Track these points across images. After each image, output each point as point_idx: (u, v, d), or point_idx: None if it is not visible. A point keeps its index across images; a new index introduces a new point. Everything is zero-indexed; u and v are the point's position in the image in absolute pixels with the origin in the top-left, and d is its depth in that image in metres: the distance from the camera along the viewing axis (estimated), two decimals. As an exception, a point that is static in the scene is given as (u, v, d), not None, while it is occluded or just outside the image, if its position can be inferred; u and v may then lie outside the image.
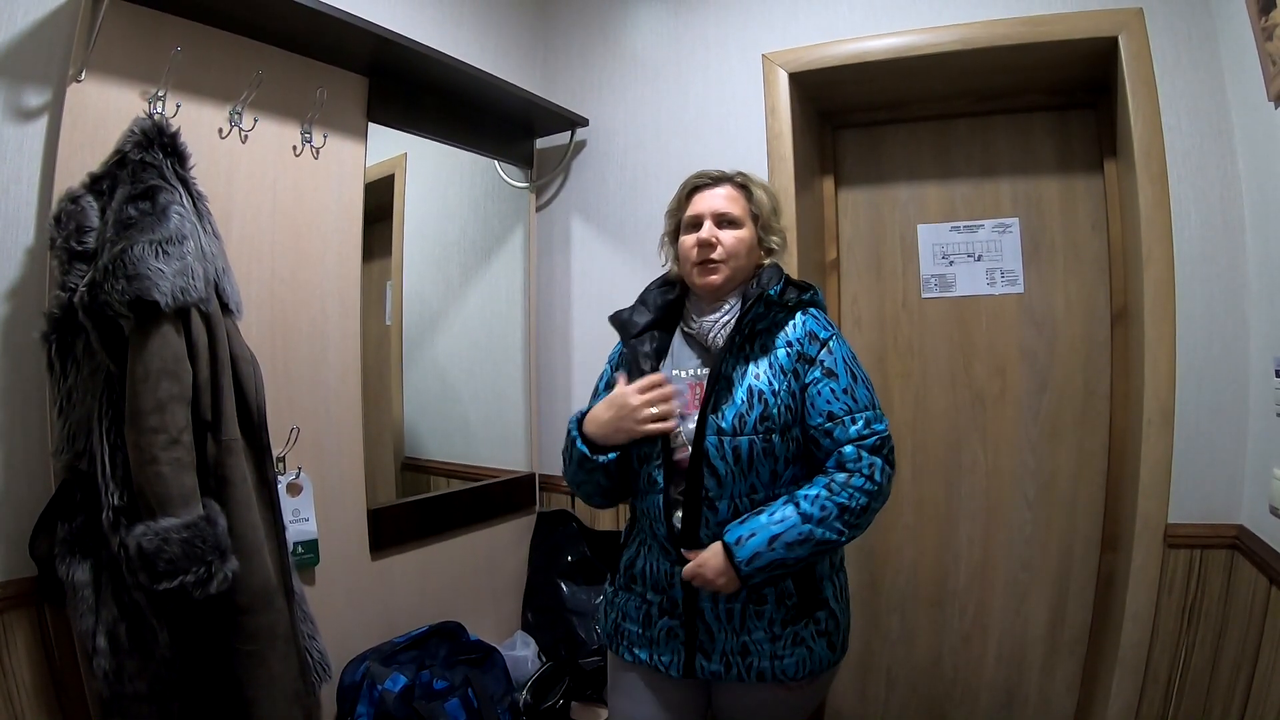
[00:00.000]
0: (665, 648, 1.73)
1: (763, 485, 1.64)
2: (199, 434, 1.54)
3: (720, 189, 1.77)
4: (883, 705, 2.86)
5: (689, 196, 1.81)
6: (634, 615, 1.78)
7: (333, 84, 2.10)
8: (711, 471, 1.63)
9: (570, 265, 2.95)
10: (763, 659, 1.65)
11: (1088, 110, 2.53)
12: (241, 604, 1.59)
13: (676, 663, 1.71)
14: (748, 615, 1.65)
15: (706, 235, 1.72)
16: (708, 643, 1.68)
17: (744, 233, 1.74)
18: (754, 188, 1.78)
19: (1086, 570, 2.56)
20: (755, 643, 1.65)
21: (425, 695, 2.11)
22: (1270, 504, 1.81)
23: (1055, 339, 2.59)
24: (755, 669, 1.65)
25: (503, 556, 2.80)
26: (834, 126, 2.87)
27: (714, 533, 1.63)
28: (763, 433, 1.62)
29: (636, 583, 1.78)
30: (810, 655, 1.66)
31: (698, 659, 1.69)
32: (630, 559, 1.82)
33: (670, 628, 1.72)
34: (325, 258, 2.13)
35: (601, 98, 2.89)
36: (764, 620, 1.65)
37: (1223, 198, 2.03)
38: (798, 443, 1.66)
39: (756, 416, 1.62)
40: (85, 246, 1.47)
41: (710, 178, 1.79)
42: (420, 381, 2.69)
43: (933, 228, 2.74)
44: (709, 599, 1.66)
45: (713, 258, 1.72)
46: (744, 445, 1.62)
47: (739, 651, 1.66)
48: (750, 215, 1.76)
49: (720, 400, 1.65)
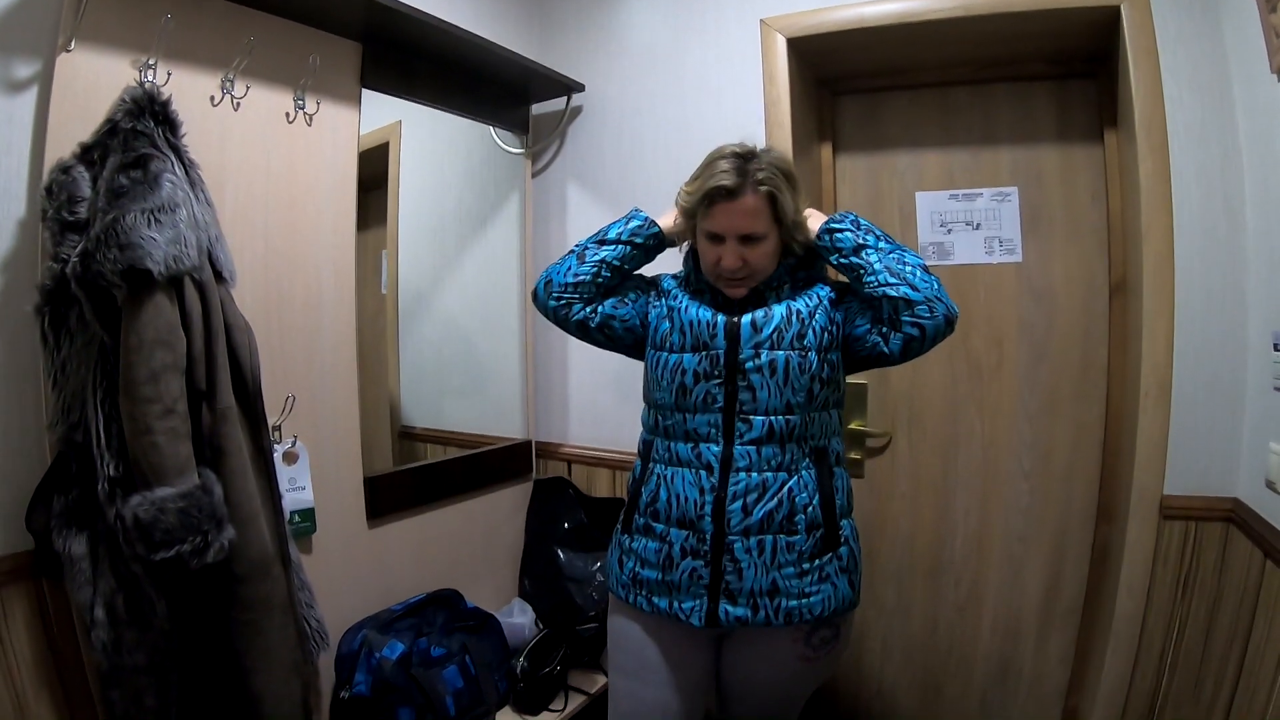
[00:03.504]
0: (687, 593, 1.71)
1: (798, 406, 1.67)
2: (194, 403, 1.53)
3: (744, 200, 1.64)
4: (878, 675, 2.89)
5: (708, 205, 1.67)
6: (653, 559, 1.76)
7: (326, 50, 2.07)
8: (748, 385, 1.67)
9: (566, 231, 2.94)
10: (790, 598, 1.67)
11: (1088, 80, 2.50)
12: (238, 573, 1.60)
13: (699, 610, 1.70)
14: (779, 548, 1.66)
15: (731, 262, 1.68)
16: (735, 582, 1.68)
17: (769, 244, 1.69)
18: (780, 193, 1.64)
19: (1082, 541, 2.57)
20: (784, 578, 1.67)
21: (423, 663, 2.13)
22: (1266, 478, 1.81)
23: (1053, 310, 2.58)
24: (784, 610, 1.67)
25: (500, 524, 2.81)
26: (833, 93, 2.83)
27: (746, 451, 1.68)
28: (799, 349, 1.66)
29: (660, 520, 1.76)
30: (835, 593, 1.69)
31: (721, 604, 1.69)
32: (651, 496, 1.78)
33: (694, 569, 1.70)
34: (320, 225, 2.12)
35: (598, 62, 2.86)
36: (794, 553, 1.66)
37: (1223, 171, 2.01)
38: (832, 366, 1.70)
39: (794, 334, 1.68)
40: (77, 217, 1.46)
41: (728, 186, 1.62)
42: (416, 350, 2.68)
43: (931, 195, 2.72)
44: (740, 531, 1.67)
45: (739, 278, 1.71)
46: (780, 360, 1.66)
47: (768, 591, 1.67)
48: (776, 222, 1.68)
49: (758, 318, 1.70)
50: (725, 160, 1.66)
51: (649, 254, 1.90)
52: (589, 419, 2.94)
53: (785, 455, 1.67)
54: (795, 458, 1.68)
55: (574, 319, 1.87)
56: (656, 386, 1.79)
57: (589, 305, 1.86)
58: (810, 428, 1.69)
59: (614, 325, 1.87)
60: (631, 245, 1.86)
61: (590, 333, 1.88)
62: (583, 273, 1.85)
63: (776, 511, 1.66)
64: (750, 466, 1.67)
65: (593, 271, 1.85)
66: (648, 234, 1.87)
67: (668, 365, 1.76)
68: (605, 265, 1.85)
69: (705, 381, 1.70)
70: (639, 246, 1.87)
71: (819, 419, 1.71)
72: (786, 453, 1.67)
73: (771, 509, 1.66)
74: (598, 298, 1.86)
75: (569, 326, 1.89)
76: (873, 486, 2.83)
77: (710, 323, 1.72)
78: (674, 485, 1.74)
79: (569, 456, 2.95)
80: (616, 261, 1.85)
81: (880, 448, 2.82)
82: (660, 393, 1.78)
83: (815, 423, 1.70)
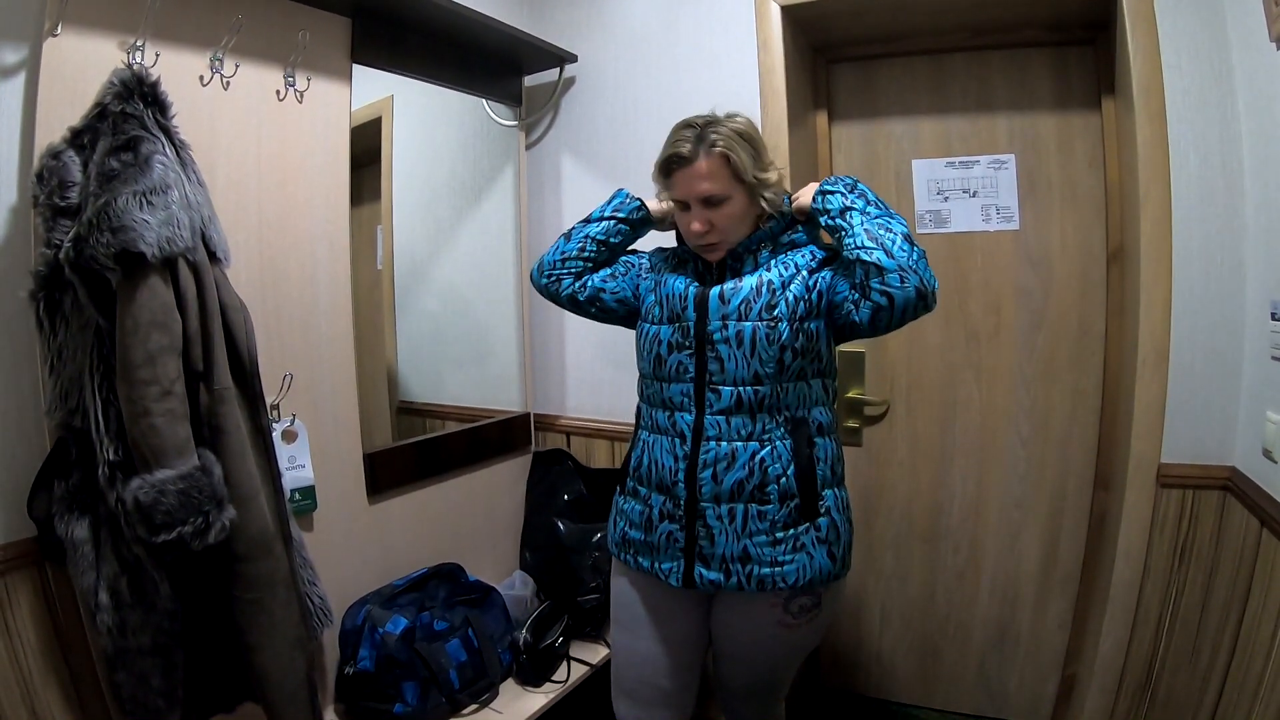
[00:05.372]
0: (665, 554, 1.77)
1: (768, 377, 1.66)
2: (191, 384, 1.54)
3: (698, 165, 1.66)
4: (876, 640, 2.92)
5: (667, 174, 1.73)
6: (637, 520, 1.82)
7: (315, 26, 2.04)
8: (715, 355, 1.68)
9: (561, 203, 2.93)
10: (763, 565, 1.68)
11: (1086, 47, 2.47)
12: (240, 552, 1.61)
13: (677, 571, 1.76)
14: (749, 516, 1.68)
15: (699, 226, 1.70)
16: (708, 547, 1.71)
17: (734, 206, 1.70)
18: (732, 151, 1.65)
19: (1079, 508, 2.59)
20: (756, 546, 1.68)
21: (426, 637, 2.14)
22: (1263, 447, 1.81)
23: (1051, 277, 2.58)
24: (756, 577, 1.69)
25: (499, 497, 2.82)
26: (827, 60, 2.81)
27: (716, 421, 1.69)
28: (768, 320, 1.66)
29: (643, 484, 1.81)
30: (810, 563, 1.69)
31: (696, 567, 1.73)
32: (637, 459, 1.85)
33: (670, 532, 1.75)
34: (313, 203, 2.10)
35: (591, 33, 2.83)
36: (765, 522, 1.67)
37: (1222, 138, 1.99)
38: (809, 336, 1.67)
39: (763, 305, 1.67)
40: (69, 202, 1.45)
41: (682, 154, 1.67)
42: (413, 325, 2.68)
43: (927, 163, 2.71)
44: (711, 499, 1.69)
45: (710, 242, 1.73)
46: (747, 331, 1.66)
47: (739, 558, 1.69)
48: (736, 181, 1.68)
49: (725, 289, 1.71)
50: (685, 130, 1.70)
51: (635, 228, 1.97)
52: (587, 391, 2.94)
53: (756, 425, 1.68)
54: (767, 427, 1.68)
55: (564, 293, 1.97)
56: (640, 356, 1.85)
57: (578, 280, 1.95)
58: (784, 398, 1.68)
59: (603, 298, 1.93)
60: (615, 219, 1.95)
61: (581, 305, 1.96)
62: (569, 249, 1.96)
63: (747, 481, 1.67)
64: (720, 436, 1.69)
65: (578, 247, 1.95)
66: (630, 208, 1.95)
67: (647, 335, 1.81)
68: (590, 240, 1.95)
69: (678, 352, 1.73)
70: (623, 220, 1.95)
71: (794, 389, 1.69)
72: (758, 423, 1.68)
73: (741, 478, 1.67)
74: (587, 272, 1.94)
75: (560, 301, 1.99)
76: (871, 454, 2.84)
77: (682, 295, 1.76)
78: (654, 451, 1.79)
79: (567, 428, 2.95)
80: (601, 236, 1.94)
81: (878, 415, 2.83)
82: (642, 362, 1.84)
83: (789, 393, 1.69)
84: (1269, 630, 1.66)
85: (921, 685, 2.88)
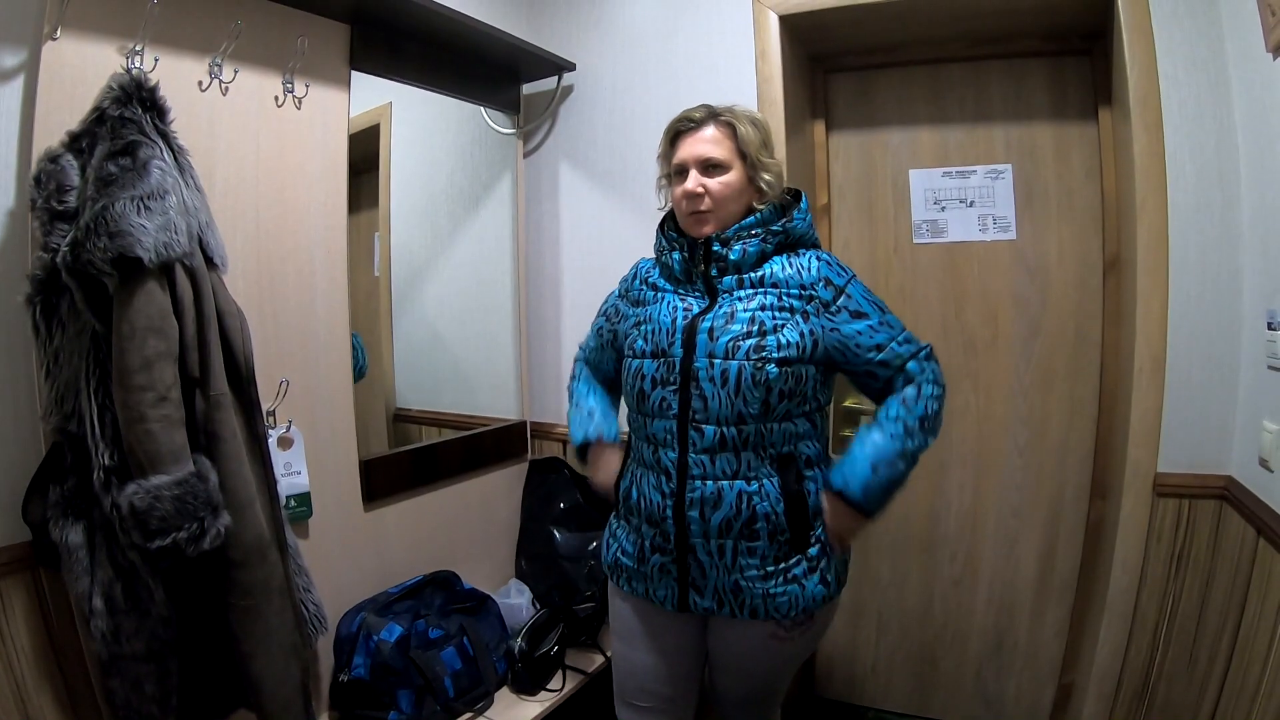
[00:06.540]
0: (659, 583, 1.76)
1: (752, 417, 1.62)
2: (187, 390, 1.53)
3: (704, 131, 1.72)
4: (874, 649, 2.91)
5: (673, 142, 1.77)
6: (630, 549, 1.81)
7: (314, 32, 2.05)
8: (700, 394, 1.64)
9: (559, 211, 2.93)
10: (755, 598, 1.67)
11: (1083, 57, 2.48)
12: (235, 559, 1.60)
13: (671, 598, 1.75)
14: (739, 553, 1.66)
15: (692, 186, 1.70)
16: (700, 579, 1.70)
17: (732, 176, 1.70)
18: (740, 123, 1.70)
19: (1076, 517, 2.59)
20: (748, 581, 1.66)
21: (421, 644, 2.13)
22: (1260, 456, 1.81)
23: (1047, 286, 2.58)
24: (748, 607, 1.68)
25: (495, 505, 2.82)
26: (825, 70, 2.82)
27: (700, 460, 1.65)
28: (755, 361, 1.60)
29: (633, 514, 1.79)
30: (803, 593, 1.67)
31: (690, 595, 1.72)
32: (626, 489, 1.83)
33: (663, 564, 1.73)
34: (311, 209, 2.10)
35: (589, 41, 2.84)
36: (755, 558, 1.66)
37: (1218, 149, 2.00)
38: (798, 379, 1.64)
39: (752, 345, 1.62)
40: (66, 206, 1.44)
41: (693, 120, 1.73)
42: (410, 332, 2.67)
43: (925, 173, 2.72)
44: (700, 535, 1.67)
45: (700, 209, 1.70)
46: (733, 370, 1.61)
47: (731, 589, 1.68)
48: (738, 154, 1.70)
49: (715, 325, 1.66)
50: (699, 107, 1.76)
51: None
52: (584, 399, 2.92)
53: (741, 464, 1.64)
54: (753, 465, 1.64)
55: None
56: (623, 389, 1.83)
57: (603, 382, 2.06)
58: (769, 437, 1.65)
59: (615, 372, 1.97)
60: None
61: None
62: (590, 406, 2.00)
63: (735, 520, 1.64)
64: (705, 475, 1.65)
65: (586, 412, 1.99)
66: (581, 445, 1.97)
67: (630, 370, 1.77)
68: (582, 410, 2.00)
69: (661, 388, 1.69)
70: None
71: (780, 429, 1.65)
72: (742, 461, 1.64)
73: (729, 517, 1.64)
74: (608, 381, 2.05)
75: None
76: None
77: (669, 329, 1.71)
78: (641, 485, 1.76)
79: (564, 436, 2.94)
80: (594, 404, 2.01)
81: (875, 425, 2.82)
82: (627, 396, 1.81)
83: (775, 432, 1.65)
84: (1265, 638, 1.66)
85: (918, 694, 2.88)
